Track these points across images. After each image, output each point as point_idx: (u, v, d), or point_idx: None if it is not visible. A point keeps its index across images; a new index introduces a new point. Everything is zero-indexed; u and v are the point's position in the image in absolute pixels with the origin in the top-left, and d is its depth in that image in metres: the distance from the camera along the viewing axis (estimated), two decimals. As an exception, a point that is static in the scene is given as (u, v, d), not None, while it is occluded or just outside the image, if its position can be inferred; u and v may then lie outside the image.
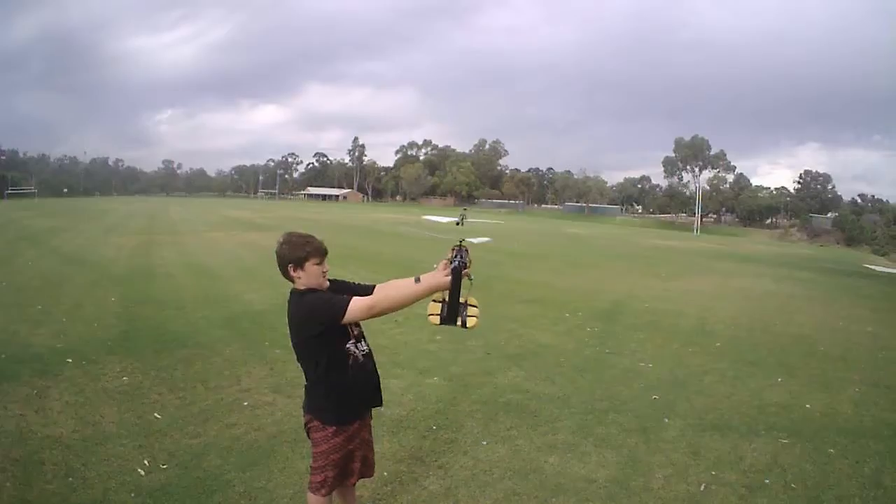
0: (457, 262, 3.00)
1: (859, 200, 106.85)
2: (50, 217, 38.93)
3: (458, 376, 7.26)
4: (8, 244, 21.31)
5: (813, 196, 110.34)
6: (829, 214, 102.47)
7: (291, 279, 3.21)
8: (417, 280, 3.05)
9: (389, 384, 6.73)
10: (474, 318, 3.19)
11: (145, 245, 22.42)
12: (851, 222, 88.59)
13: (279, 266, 3.20)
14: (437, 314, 3.17)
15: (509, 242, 33.78)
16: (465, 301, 3.16)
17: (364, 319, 3.14)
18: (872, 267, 39.06)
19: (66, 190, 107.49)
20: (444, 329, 9.67)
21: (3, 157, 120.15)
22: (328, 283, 3.28)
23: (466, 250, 3.11)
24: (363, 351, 3.37)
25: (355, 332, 3.34)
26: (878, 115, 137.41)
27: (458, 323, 3.16)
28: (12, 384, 6.25)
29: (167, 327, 9.21)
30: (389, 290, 3.15)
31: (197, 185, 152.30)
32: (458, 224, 46.12)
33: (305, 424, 3.38)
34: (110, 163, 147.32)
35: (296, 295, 3.20)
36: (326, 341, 3.15)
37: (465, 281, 3.09)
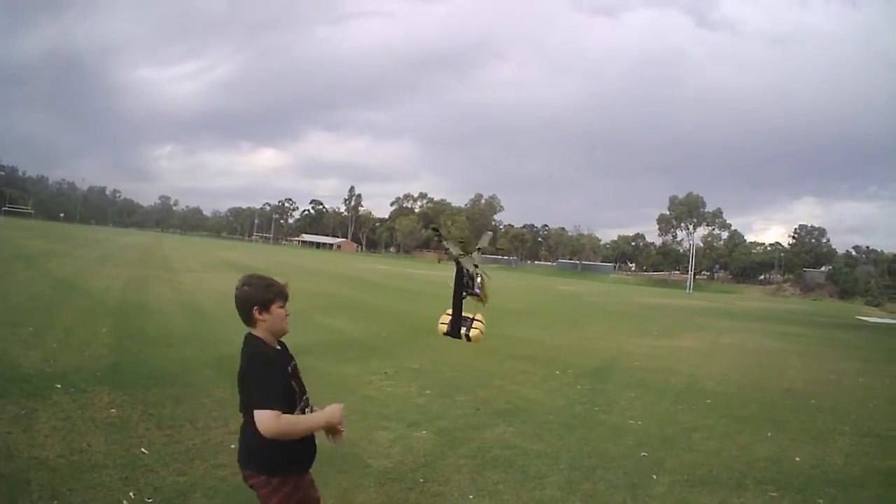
0: (465, 281, 3.17)
1: (854, 253, 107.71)
2: (46, 240, 39.19)
3: (446, 430, 7.23)
4: (3, 262, 21.39)
5: (807, 250, 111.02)
6: (823, 268, 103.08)
7: (254, 323, 3.14)
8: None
9: (377, 436, 6.73)
10: (477, 331, 3.35)
11: (139, 279, 22.48)
12: (845, 275, 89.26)
13: (241, 309, 3.14)
14: (445, 324, 3.33)
15: (498, 300, 33.82)
16: (473, 316, 3.33)
17: (262, 432, 2.90)
18: (865, 318, 39.27)
19: (62, 214, 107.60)
20: (433, 382, 9.77)
21: (3, 173, 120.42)
22: (289, 330, 3.25)
23: (478, 276, 3.29)
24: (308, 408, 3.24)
25: (305, 397, 3.22)
26: (874, 166, 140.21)
27: (463, 332, 3.32)
28: (1, 401, 6.29)
29: (157, 363, 9.19)
30: (299, 425, 3.02)
31: (192, 223, 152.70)
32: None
33: (246, 480, 3.10)
34: (108, 192, 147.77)
35: (251, 341, 3.13)
36: None
37: (472, 300, 3.25)
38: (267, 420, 2.87)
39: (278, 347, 3.26)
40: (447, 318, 3.33)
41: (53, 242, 37.66)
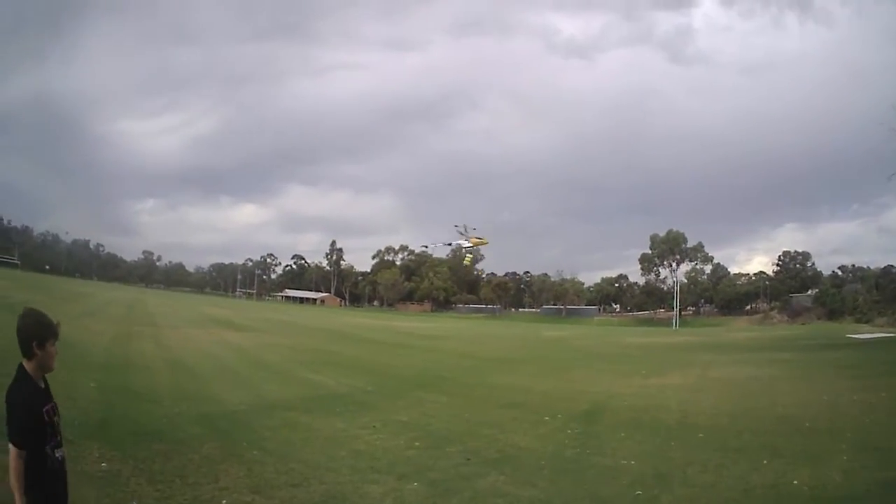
0: None
1: (839, 273, 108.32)
2: (31, 291, 38.41)
3: (437, 482, 7.13)
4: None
5: (793, 276, 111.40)
6: (809, 292, 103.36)
7: (31, 356, 3.18)
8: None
9: (368, 490, 6.63)
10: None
11: (124, 335, 22.24)
12: (832, 296, 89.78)
13: (22, 341, 3.18)
14: None
15: (484, 349, 33.70)
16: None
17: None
18: (855, 336, 39.50)
19: (48, 267, 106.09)
20: (423, 434, 9.66)
21: None
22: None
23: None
24: (60, 458, 3.34)
25: (57, 439, 3.32)
26: (852, 184, 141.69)
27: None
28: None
29: (145, 419, 9.12)
30: (16, 480, 3.13)
31: (175, 278, 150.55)
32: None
33: None
34: (91, 246, 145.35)
35: (20, 376, 3.18)
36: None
37: None
38: (12, 455, 3.08)
39: (41, 385, 3.33)
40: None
41: (39, 294, 37.13)
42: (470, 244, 27.59)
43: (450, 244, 26.94)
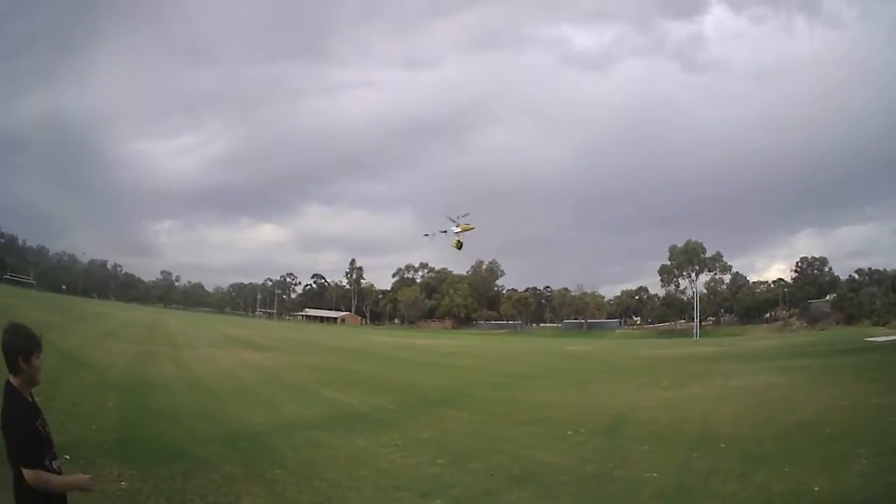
0: None
1: (856, 276, 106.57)
2: (48, 311, 38.57)
3: (460, 499, 7.18)
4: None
5: (811, 282, 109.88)
6: (827, 297, 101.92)
7: (17, 371, 3.16)
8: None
9: (391, 508, 6.69)
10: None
11: (144, 355, 22.41)
12: (850, 300, 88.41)
13: (7, 356, 3.16)
14: None
15: (506, 365, 33.59)
16: None
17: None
18: (873, 339, 38.86)
19: (64, 287, 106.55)
20: (445, 451, 9.69)
21: (3, 240, 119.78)
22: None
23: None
24: (57, 469, 3.35)
25: (52, 450, 3.36)
26: (867, 186, 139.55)
27: None
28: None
29: (165, 438, 9.20)
30: (51, 482, 3.19)
31: (194, 298, 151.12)
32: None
33: None
34: (108, 266, 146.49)
35: (11, 395, 3.17)
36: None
37: None
38: (31, 476, 3.09)
39: (30, 399, 3.33)
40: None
41: (55, 314, 37.46)
42: (459, 230, 30.58)
43: (445, 231, 30.28)
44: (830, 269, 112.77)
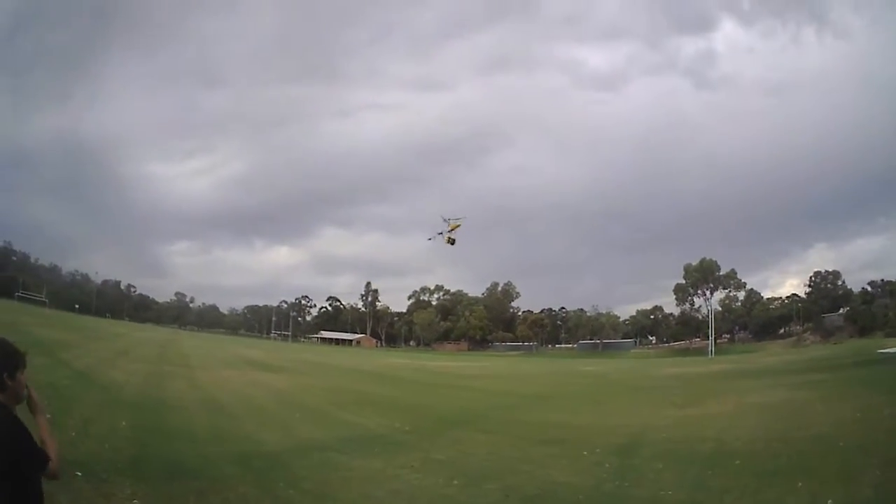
0: None
1: (869, 289, 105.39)
2: (61, 330, 38.63)
3: (476, 519, 7.26)
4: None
5: (824, 296, 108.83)
6: (840, 310, 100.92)
7: (3, 388, 3.06)
8: None
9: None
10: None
11: (157, 375, 22.53)
12: (863, 312, 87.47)
13: None
14: None
15: (521, 386, 33.51)
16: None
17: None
18: (885, 350, 38.43)
19: (77, 306, 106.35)
20: (460, 472, 9.77)
21: (15, 258, 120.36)
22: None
23: None
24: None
25: None
26: (880, 198, 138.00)
27: None
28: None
29: (178, 458, 9.25)
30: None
31: (209, 320, 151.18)
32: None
33: None
34: (122, 287, 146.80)
35: (3, 414, 3.06)
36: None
37: None
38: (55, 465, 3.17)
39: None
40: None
41: (69, 333, 37.52)
42: (450, 228, 33.11)
43: (440, 233, 33.05)
44: (843, 282, 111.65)
